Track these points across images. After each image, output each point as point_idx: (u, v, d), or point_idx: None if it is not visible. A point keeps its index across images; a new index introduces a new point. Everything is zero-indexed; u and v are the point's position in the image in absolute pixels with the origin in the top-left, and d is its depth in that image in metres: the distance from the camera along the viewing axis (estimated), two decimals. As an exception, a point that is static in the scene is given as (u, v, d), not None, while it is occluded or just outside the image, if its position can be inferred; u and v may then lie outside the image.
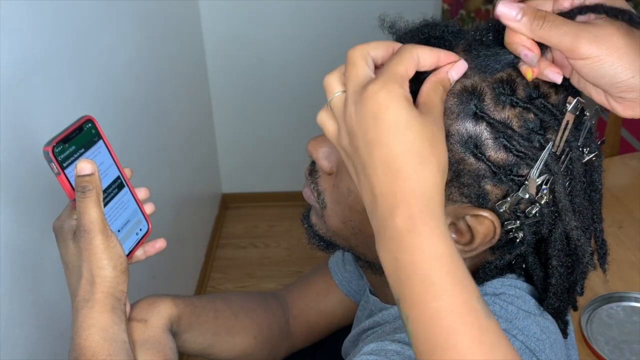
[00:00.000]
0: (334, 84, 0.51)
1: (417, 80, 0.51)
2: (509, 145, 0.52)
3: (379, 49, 0.51)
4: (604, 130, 1.66)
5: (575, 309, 0.64)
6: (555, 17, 0.49)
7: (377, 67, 0.51)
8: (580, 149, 0.55)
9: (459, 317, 0.43)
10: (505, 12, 0.49)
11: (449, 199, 0.55)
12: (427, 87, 0.50)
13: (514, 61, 0.52)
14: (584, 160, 0.55)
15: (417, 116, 0.47)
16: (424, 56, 0.50)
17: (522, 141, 0.52)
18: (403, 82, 0.48)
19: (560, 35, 0.48)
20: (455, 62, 0.51)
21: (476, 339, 0.43)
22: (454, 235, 0.57)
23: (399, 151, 0.46)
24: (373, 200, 0.48)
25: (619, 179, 1.35)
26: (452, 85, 0.52)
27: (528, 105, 0.52)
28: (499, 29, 0.53)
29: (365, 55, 0.50)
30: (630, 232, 1.15)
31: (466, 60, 0.53)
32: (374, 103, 0.46)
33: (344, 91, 0.50)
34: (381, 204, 0.47)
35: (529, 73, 0.51)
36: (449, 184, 0.54)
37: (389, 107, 0.46)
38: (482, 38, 0.55)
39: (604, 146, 1.71)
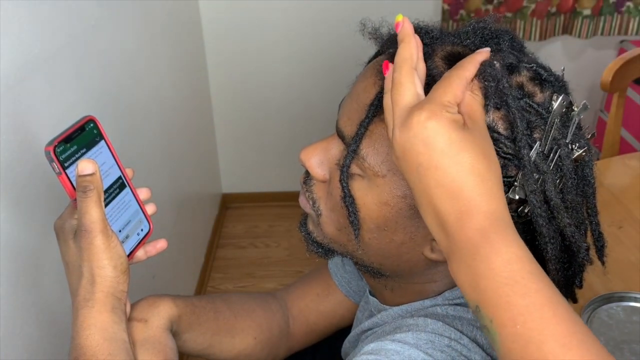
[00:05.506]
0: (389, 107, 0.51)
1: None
2: (495, 148, 0.52)
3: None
4: (604, 130, 1.66)
5: (575, 301, 0.64)
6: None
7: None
8: (569, 146, 0.54)
9: (550, 310, 0.43)
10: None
11: None
12: (468, 97, 0.50)
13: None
14: (573, 157, 0.55)
15: (467, 136, 0.47)
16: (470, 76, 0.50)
17: (508, 143, 0.52)
18: (451, 108, 0.48)
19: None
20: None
21: (570, 329, 0.43)
22: None
23: (456, 174, 0.46)
24: (438, 222, 0.48)
25: (619, 179, 1.35)
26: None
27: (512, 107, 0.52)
28: (483, 33, 0.54)
29: (410, 73, 0.50)
30: (630, 232, 1.15)
31: (445, 68, 0.54)
32: (422, 130, 0.47)
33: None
34: (448, 224, 0.47)
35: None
36: None
37: (439, 132, 0.46)
38: (463, 44, 0.55)
39: (604, 146, 1.69)
